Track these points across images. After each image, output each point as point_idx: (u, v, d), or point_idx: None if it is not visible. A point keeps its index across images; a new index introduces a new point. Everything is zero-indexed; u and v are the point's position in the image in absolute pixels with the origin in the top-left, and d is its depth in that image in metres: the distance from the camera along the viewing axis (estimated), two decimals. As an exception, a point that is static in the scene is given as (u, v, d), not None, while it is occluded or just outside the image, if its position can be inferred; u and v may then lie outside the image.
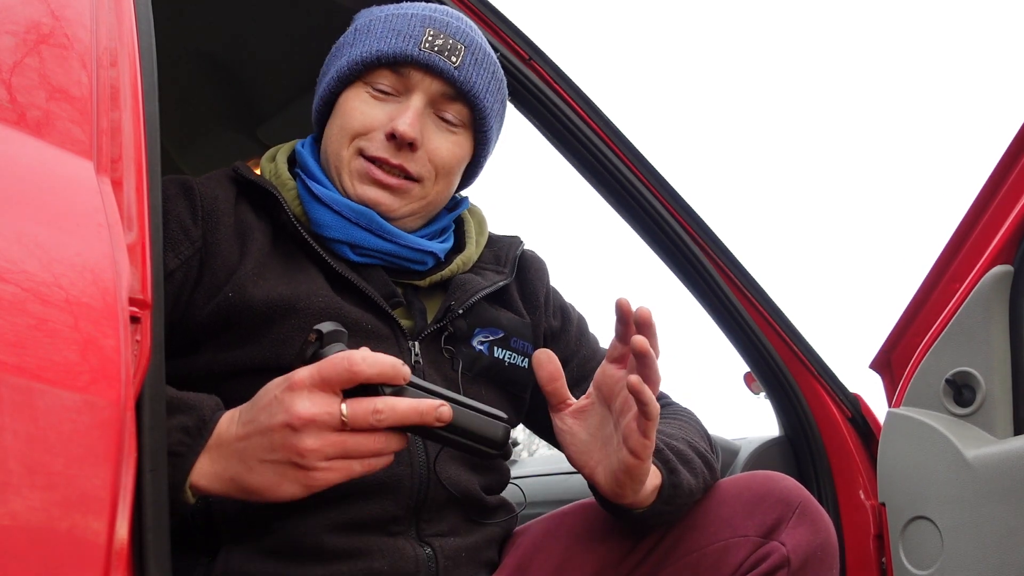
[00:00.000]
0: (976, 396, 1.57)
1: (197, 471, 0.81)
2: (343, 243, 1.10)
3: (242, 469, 0.80)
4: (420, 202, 1.14)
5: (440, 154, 1.13)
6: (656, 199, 1.61)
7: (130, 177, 0.72)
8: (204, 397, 0.86)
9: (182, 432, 0.81)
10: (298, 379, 0.78)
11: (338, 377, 0.77)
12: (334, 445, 0.78)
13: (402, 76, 1.12)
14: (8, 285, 0.57)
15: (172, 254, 1.01)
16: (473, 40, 1.15)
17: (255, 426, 0.80)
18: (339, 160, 1.12)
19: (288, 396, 0.78)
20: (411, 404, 0.79)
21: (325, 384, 0.78)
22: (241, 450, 0.80)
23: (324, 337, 0.81)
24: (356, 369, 0.77)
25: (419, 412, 0.79)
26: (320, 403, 0.77)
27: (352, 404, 0.78)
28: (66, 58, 0.72)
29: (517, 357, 1.19)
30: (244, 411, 0.83)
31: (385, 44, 1.11)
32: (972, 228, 1.63)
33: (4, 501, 0.52)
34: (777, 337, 1.73)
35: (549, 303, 1.29)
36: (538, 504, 1.80)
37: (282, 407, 0.78)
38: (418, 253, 1.14)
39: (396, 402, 0.79)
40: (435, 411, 0.80)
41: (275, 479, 0.79)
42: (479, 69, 1.15)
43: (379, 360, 0.78)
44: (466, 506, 1.09)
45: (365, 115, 1.11)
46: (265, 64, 1.85)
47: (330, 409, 0.77)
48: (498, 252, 1.27)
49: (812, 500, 1.07)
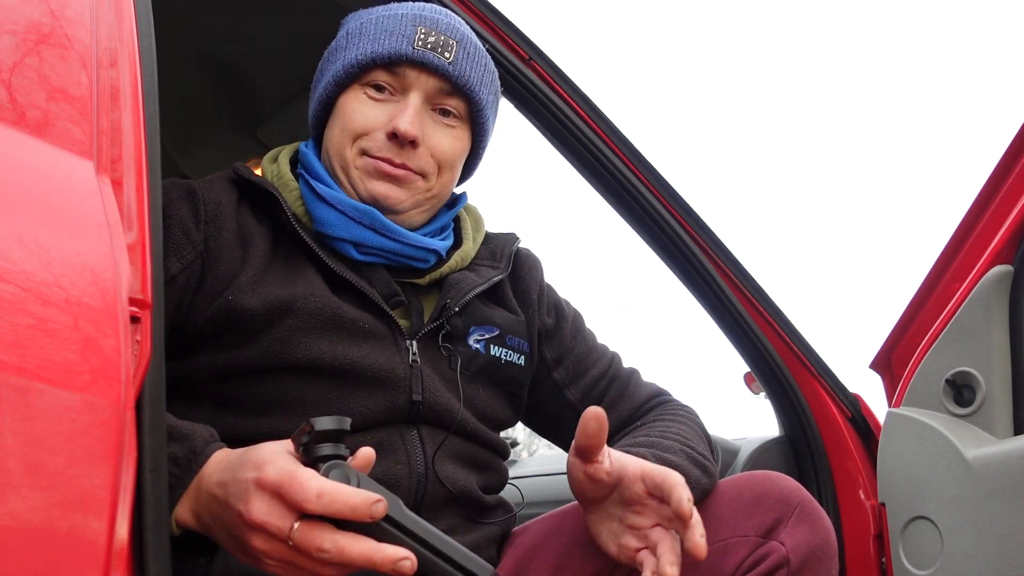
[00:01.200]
0: (976, 396, 1.57)
1: (182, 505, 0.81)
2: (347, 241, 1.11)
3: (209, 521, 0.80)
4: (425, 194, 1.15)
5: (442, 148, 1.14)
6: (656, 199, 1.61)
7: (130, 177, 0.72)
8: (198, 428, 0.86)
9: (172, 463, 0.81)
10: (265, 478, 0.74)
11: (292, 501, 0.73)
12: (280, 554, 0.74)
13: (398, 75, 1.13)
14: (8, 285, 0.57)
15: (175, 258, 1.02)
16: (464, 35, 1.17)
17: (224, 494, 0.78)
18: (344, 161, 1.13)
19: (252, 490, 0.75)
20: (363, 552, 0.72)
21: (283, 499, 0.73)
22: (211, 508, 0.79)
23: (315, 435, 0.75)
24: (306, 506, 0.72)
25: (371, 562, 0.72)
26: (275, 515, 0.73)
27: (302, 531, 0.73)
28: (66, 58, 0.72)
29: (513, 354, 1.20)
30: (227, 466, 0.80)
31: (379, 45, 1.12)
32: (972, 228, 1.63)
33: (4, 501, 0.52)
34: (777, 337, 1.73)
35: (543, 300, 1.29)
36: (537, 504, 1.80)
37: (243, 499, 0.75)
38: (421, 251, 1.15)
39: (347, 544, 0.72)
40: (393, 564, 0.72)
41: (232, 547, 0.78)
42: (472, 63, 1.16)
43: (336, 499, 0.72)
44: (464, 505, 1.10)
45: (365, 116, 1.12)
46: (265, 64, 1.85)
47: (281, 524, 0.73)
48: (494, 249, 1.28)
49: (811, 500, 1.07)
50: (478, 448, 1.14)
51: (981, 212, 1.62)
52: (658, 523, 0.97)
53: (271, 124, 2.02)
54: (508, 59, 1.42)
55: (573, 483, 1.02)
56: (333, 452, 0.75)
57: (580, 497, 1.03)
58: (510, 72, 1.43)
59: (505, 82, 1.44)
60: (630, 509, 0.99)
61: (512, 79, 1.43)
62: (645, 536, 0.97)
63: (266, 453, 0.77)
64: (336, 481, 0.73)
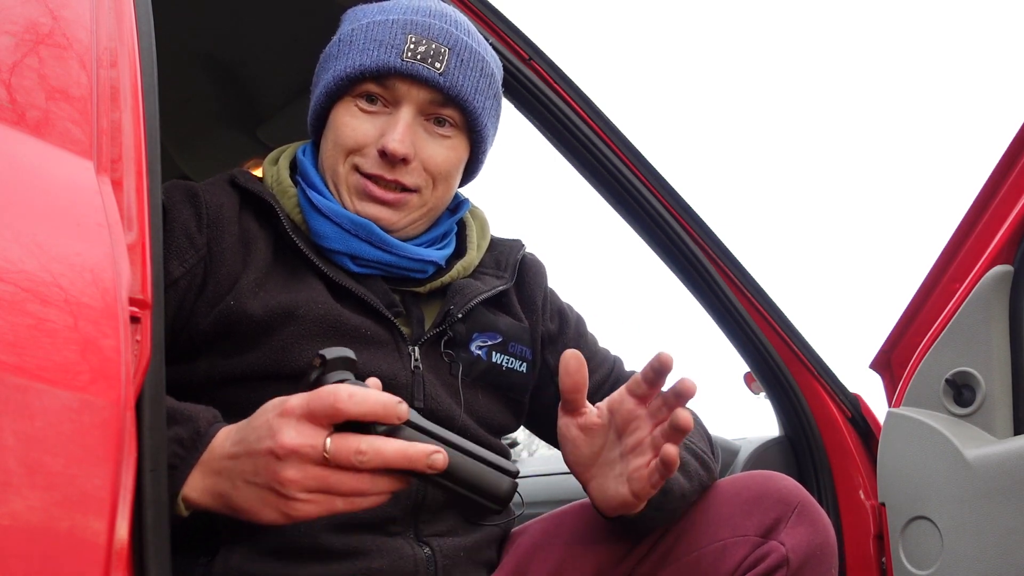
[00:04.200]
0: (976, 396, 1.57)
1: (189, 484, 0.80)
2: (343, 254, 1.10)
3: (229, 487, 0.79)
4: (420, 210, 1.14)
5: (435, 162, 1.12)
6: (656, 199, 1.61)
7: (130, 177, 0.72)
8: (201, 409, 0.85)
9: (177, 444, 0.80)
10: (289, 406, 0.76)
11: (323, 412, 0.74)
12: (315, 479, 0.75)
13: (388, 87, 1.10)
14: (8, 285, 0.57)
15: (177, 262, 1.01)
16: (457, 40, 1.12)
17: (244, 446, 0.79)
18: (336, 176, 1.12)
19: (277, 422, 0.76)
20: (399, 448, 0.75)
21: (313, 416, 0.75)
22: (229, 468, 0.79)
23: (327, 363, 0.78)
24: (340, 406, 0.74)
25: (408, 457, 0.74)
26: (305, 435, 0.74)
27: (336, 441, 0.74)
28: (66, 58, 0.72)
29: (515, 362, 1.19)
30: (239, 428, 0.81)
31: (367, 57, 1.09)
32: (972, 228, 1.63)
33: (4, 501, 0.53)
34: (777, 337, 1.73)
35: (547, 306, 1.29)
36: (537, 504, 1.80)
37: (270, 432, 0.76)
38: (418, 263, 1.13)
39: (383, 444, 0.74)
40: (427, 457, 0.75)
41: (257, 503, 0.78)
42: (465, 70, 1.12)
43: (368, 398, 0.74)
44: (465, 507, 1.09)
45: (356, 131, 1.10)
46: (265, 64, 1.85)
47: (314, 442, 0.74)
48: (499, 256, 1.26)
49: (811, 500, 1.07)
50: None
51: (981, 212, 1.62)
52: (657, 423, 0.93)
53: (271, 124, 2.02)
54: (508, 59, 1.42)
55: (569, 447, 1.00)
56: (345, 377, 0.78)
57: (578, 462, 1.00)
58: (510, 72, 1.42)
59: (505, 82, 1.44)
60: (627, 436, 0.96)
61: (512, 79, 1.43)
62: (650, 445, 0.93)
63: (276, 399, 0.79)
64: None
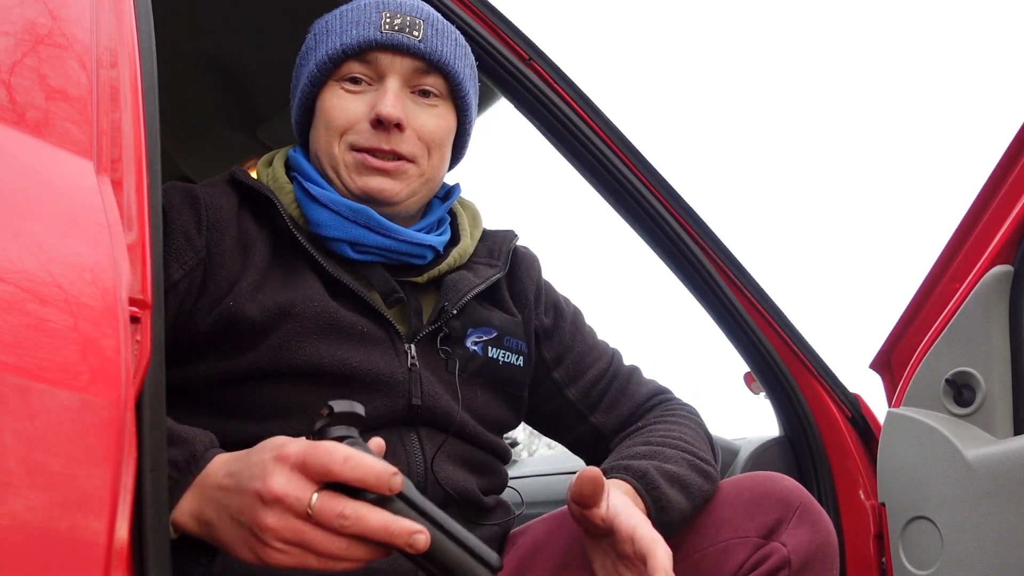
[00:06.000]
0: (976, 396, 1.57)
1: (180, 508, 0.80)
2: (342, 241, 1.11)
3: (215, 518, 0.79)
4: (419, 180, 1.14)
5: (428, 129, 1.14)
6: (656, 199, 1.60)
7: (130, 177, 0.72)
8: (199, 433, 0.86)
9: (171, 467, 0.80)
10: (286, 452, 0.75)
11: (316, 468, 0.73)
12: (293, 531, 0.73)
13: (371, 63, 1.12)
14: (8, 285, 0.57)
15: (176, 264, 1.01)
16: (429, 13, 1.16)
17: (235, 480, 0.78)
18: (332, 159, 1.12)
19: (271, 465, 0.75)
20: (382, 521, 0.72)
21: (306, 469, 0.74)
22: (218, 499, 0.79)
23: (334, 416, 0.76)
24: (333, 468, 0.72)
25: (389, 532, 0.72)
26: (295, 485, 0.73)
27: (323, 499, 0.73)
28: (65, 58, 0.72)
29: (511, 356, 1.19)
30: (236, 459, 0.81)
31: (347, 36, 1.12)
32: (972, 228, 1.63)
33: (4, 501, 0.52)
34: (777, 337, 1.73)
35: (540, 300, 1.29)
36: (537, 504, 1.80)
37: (262, 474, 0.75)
38: (417, 247, 1.14)
39: (367, 513, 0.73)
40: (408, 536, 0.72)
41: (236, 540, 0.77)
42: (442, 38, 1.15)
43: (363, 464, 0.72)
44: (463, 506, 1.09)
45: (346, 110, 1.12)
46: (265, 64, 1.85)
47: (300, 495, 0.73)
48: (491, 246, 1.27)
49: (812, 500, 1.07)
50: (477, 450, 1.13)
51: (981, 212, 1.62)
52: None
53: (271, 124, 2.02)
54: (508, 59, 1.42)
55: (571, 512, 1.01)
56: (348, 434, 0.77)
57: (577, 524, 1.03)
58: (510, 72, 1.42)
59: (505, 82, 1.44)
60: (620, 561, 0.99)
61: (512, 79, 1.43)
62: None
63: (283, 437, 0.78)
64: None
